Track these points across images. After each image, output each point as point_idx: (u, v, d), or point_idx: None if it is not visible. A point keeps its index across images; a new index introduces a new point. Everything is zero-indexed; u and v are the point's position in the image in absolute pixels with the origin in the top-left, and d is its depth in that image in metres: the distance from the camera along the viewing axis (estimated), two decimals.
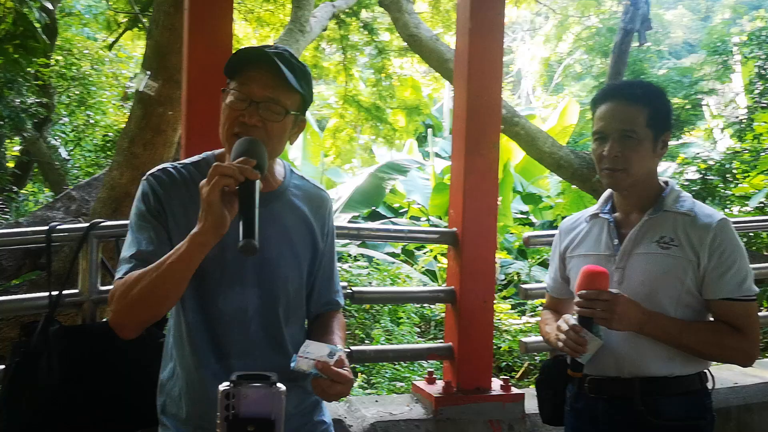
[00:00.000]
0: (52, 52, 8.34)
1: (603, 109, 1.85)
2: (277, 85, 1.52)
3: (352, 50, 9.84)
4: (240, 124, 1.51)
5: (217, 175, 1.34)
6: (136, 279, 1.43)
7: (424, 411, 2.76)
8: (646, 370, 1.81)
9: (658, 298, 1.78)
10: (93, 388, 2.08)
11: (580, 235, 1.98)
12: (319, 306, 1.76)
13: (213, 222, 1.35)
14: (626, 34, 5.91)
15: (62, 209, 4.22)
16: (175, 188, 1.56)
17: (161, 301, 1.47)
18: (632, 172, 1.81)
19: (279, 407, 1.04)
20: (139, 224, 1.54)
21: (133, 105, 3.75)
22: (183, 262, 1.40)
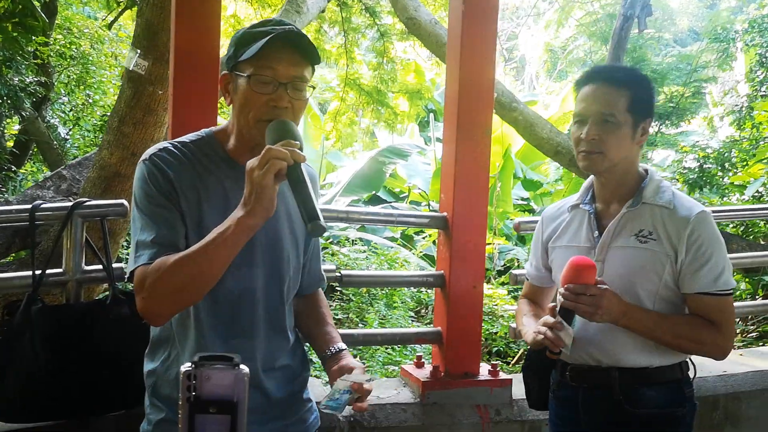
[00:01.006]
0: (51, 31, 8.29)
1: (584, 91, 1.84)
2: (299, 62, 1.50)
3: (353, 33, 9.76)
4: (270, 108, 1.48)
5: (271, 158, 1.33)
6: (176, 265, 1.40)
7: (412, 395, 2.76)
8: (623, 361, 1.82)
9: (636, 291, 1.79)
10: (76, 368, 2.09)
11: (562, 225, 1.98)
12: (310, 284, 1.77)
13: (265, 206, 1.35)
14: (626, 21, 5.85)
15: (52, 188, 4.20)
16: (182, 166, 1.53)
17: (206, 286, 1.45)
18: (609, 156, 1.79)
19: (242, 389, 1.02)
20: (152, 207, 1.50)
21: (123, 84, 3.72)
22: (230, 246, 1.39)
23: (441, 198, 2.96)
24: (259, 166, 1.34)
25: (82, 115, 9.89)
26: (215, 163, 1.57)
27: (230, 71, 1.54)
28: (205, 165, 1.56)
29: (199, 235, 1.47)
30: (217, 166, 1.57)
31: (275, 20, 1.57)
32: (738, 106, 7.40)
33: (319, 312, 1.77)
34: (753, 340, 4.89)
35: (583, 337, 1.83)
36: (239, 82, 1.51)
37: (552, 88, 20.33)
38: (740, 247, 4.71)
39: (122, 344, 2.13)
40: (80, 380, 2.10)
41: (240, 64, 1.51)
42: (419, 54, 12.76)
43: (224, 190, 1.54)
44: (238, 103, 1.52)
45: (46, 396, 2.08)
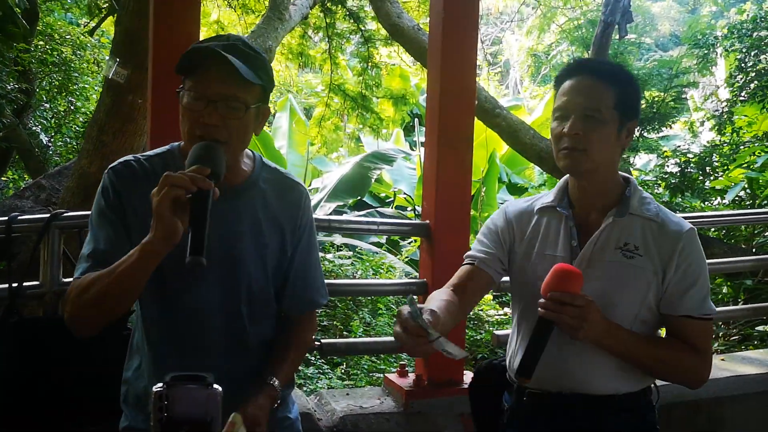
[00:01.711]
0: (32, 38, 8.21)
1: (567, 84, 1.64)
2: (232, 81, 1.46)
3: (338, 38, 9.75)
4: (200, 125, 1.46)
5: (167, 186, 1.30)
6: (90, 282, 1.41)
7: (395, 404, 2.75)
8: (590, 388, 1.65)
9: (616, 311, 1.60)
10: (53, 381, 2.06)
11: (529, 229, 1.75)
12: (294, 306, 1.70)
13: (163, 233, 1.32)
14: (606, 27, 5.88)
15: (31, 198, 4.15)
16: (136, 182, 1.52)
17: (114, 306, 1.44)
18: (592, 155, 1.59)
19: (215, 408, 1.01)
20: (99, 220, 1.51)
21: (102, 92, 3.69)
22: (134, 270, 1.37)
23: (423, 205, 2.95)
24: (157, 192, 1.31)
25: (64, 122, 9.79)
26: None
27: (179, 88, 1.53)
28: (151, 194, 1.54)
29: None
30: None
31: (224, 36, 1.54)
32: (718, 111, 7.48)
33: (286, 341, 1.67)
34: (735, 344, 4.92)
35: (549, 362, 1.59)
36: (181, 98, 1.50)
37: (536, 92, 20.45)
38: (722, 251, 4.75)
39: (100, 357, 2.10)
40: (58, 393, 2.07)
41: (184, 79, 1.50)
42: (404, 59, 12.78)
43: None
44: (180, 117, 1.52)
45: (23, 409, 2.05)
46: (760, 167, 5.39)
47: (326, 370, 5.21)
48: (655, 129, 8.15)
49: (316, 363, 5.18)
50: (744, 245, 5.25)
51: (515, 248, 1.76)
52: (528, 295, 1.69)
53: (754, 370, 3.24)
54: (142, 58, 3.39)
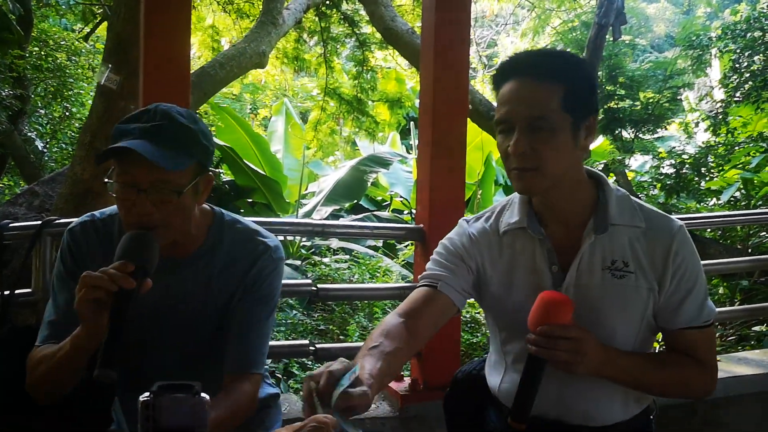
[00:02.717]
0: (27, 44, 8.21)
1: (505, 90, 1.41)
2: (158, 168, 1.36)
3: (333, 42, 9.76)
4: (133, 214, 1.40)
5: (84, 287, 1.26)
6: (40, 360, 1.44)
7: (390, 408, 2.74)
8: (595, 419, 1.49)
9: (616, 336, 1.45)
10: None
11: (501, 252, 1.53)
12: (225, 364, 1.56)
13: (87, 332, 1.30)
14: (600, 29, 5.89)
15: (25, 205, 4.14)
16: (90, 245, 1.52)
17: (61, 385, 1.46)
18: (548, 172, 1.37)
19: (203, 417, 1.00)
20: (58, 285, 1.52)
21: (95, 99, 3.69)
22: (69, 360, 1.37)
23: (417, 210, 2.95)
24: (77, 292, 1.27)
25: (59, 128, 9.78)
26: None
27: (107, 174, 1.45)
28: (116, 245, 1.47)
29: None
30: None
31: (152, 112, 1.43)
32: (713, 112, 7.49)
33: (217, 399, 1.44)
34: (731, 344, 4.92)
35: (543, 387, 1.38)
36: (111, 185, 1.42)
37: None
38: (717, 251, 4.75)
39: (90, 369, 2.09)
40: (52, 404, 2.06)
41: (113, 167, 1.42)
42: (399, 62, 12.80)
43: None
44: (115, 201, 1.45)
45: (17, 419, 2.04)
46: (755, 168, 5.40)
47: None
48: (651, 130, 8.17)
49: (313, 368, 5.17)
50: (739, 246, 5.26)
51: (486, 273, 1.54)
52: (510, 325, 1.53)
53: (750, 371, 3.23)
54: (134, 65, 3.38)
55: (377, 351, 1.32)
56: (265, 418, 1.72)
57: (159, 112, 1.43)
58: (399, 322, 1.42)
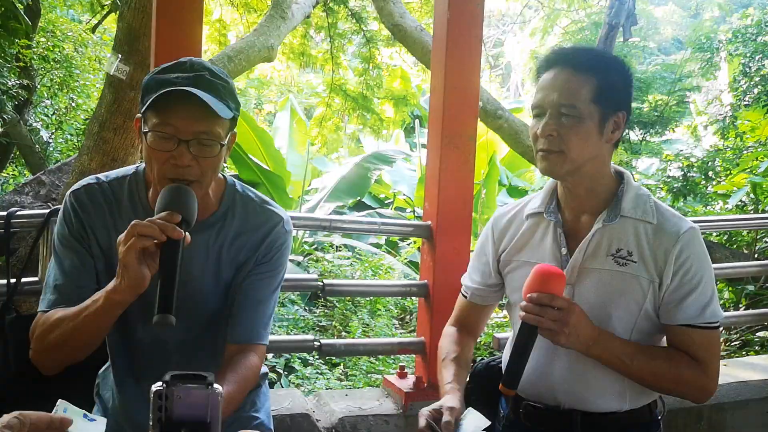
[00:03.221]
0: (34, 34, 8.19)
1: (544, 78, 1.53)
2: (205, 116, 1.36)
3: (339, 39, 9.75)
4: (171, 167, 1.37)
5: (134, 236, 1.24)
6: (54, 324, 1.38)
7: (394, 406, 2.73)
8: (591, 405, 1.55)
9: (611, 322, 1.51)
10: (48, 379, 2.03)
11: (517, 235, 1.65)
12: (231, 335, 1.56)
13: (129, 283, 1.27)
14: (611, 29, 5.87)
15: (31, 194, 4.13)
16: (98, 209, 1.48)
17: (77, 350, 1.42)
18: (570, 156, 1.47)
19: (215, 409, 0.99)
20: (62, 248, 1.47)
21: (104, 89, 3.68)
22: (99, 317, 1.34)
23: (425, 207, 2.94)
24: (123, 242, 1.25)
25: (65, 118, 9.79)
26: (135, 209, 1.50)
27: (142, 115, 1.43)
28: (123, 211, 1.49)
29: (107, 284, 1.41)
30: (136, 213, 1.48)
31: (188, 64, 1.42)
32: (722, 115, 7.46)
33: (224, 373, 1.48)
34: (736, 349, 4.90)
35: (543, 373, 1.55)
36: (144, 136, 1.40)
37: None
38: (724, 256, 4.73)
39: (94, 356, 2.08)
40: (52, 392, 2.04)
41: (146, 113, 1.39)
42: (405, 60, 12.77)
43: None
44: (144, 154, 1.42)
45: (18, 407, 2.03)
46: (763, 172, 5.37)
47: (324, 371, 5.19)
48: (658, 132, 8.14)
49: (315, 363, 5.16)
50: (746, 250, 5.23)
51: (503, 257, 1.68)
52: (517, 303, 1.58)
53: (756, 376, 3.22)
54: (143, 55, 3.37)
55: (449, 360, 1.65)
56: (255, 398, 1.69)
57: (195, 63, 1.42)
58: (454, 330, 1.76)
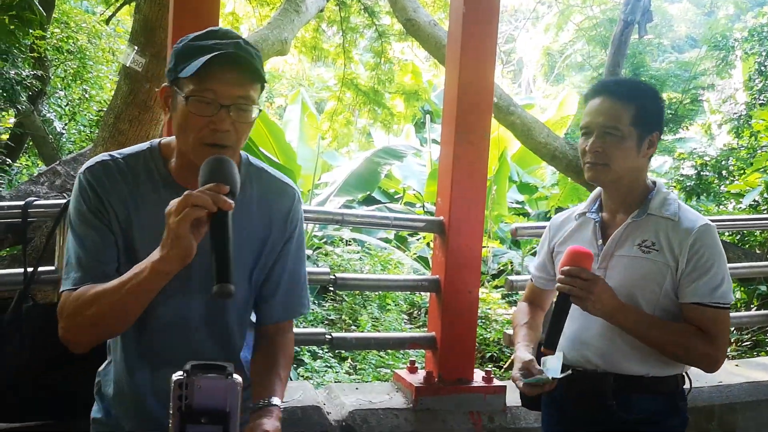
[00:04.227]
0: (48, 25, 8.22)
1: (591, 104, 1.87)
2: (244, 81, 1.40)
3: (352, 33, 9.74)
4: (211, 132, 1.38)
5: (188, 206, 1.24)
6: (91, 300, 1.36)
7: (405, 400, 2.74)
8: (620, 367, 1.84)
9: (637, 300, 1.81)
10: (63, 368, 2.05)
11: (567, 231, 2.01)
12: (270, 316, 1.62)
13: (179, 253, 1.27)
14: (626, 26, 5.82)
15: (46, 184, 4.16)
16: (113, 183, 1.46)
17: (119, 324, 1.41)
18: (614, 168, 1.82)
19: (235, 399, 1.00)
20: (81, 226, 1.44)
21: (120, 80, 3.70)
22: (143, 290, 1.33)
23: (438, 202, 2.94)
24: (176, 212, 1.25)
25: (78, 109, 9.83)
26: (153, 182, 1.49)
27: (171, 84, 1.44)
28: (141, 184, 1.48)
29: (129, 259, 1.43)
30: (155, 187, 1.48)
31: (222, 31, 1.45)
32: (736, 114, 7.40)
33: (272, 358, 1.58)
34: (747, 350, 4.89)
35: (582, 339, 1.88)
36: (178, 99, 1.41)
37: (549, 91, 20.35)
38: (736, 256, 4.70)
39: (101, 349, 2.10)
40: (66, 381, 2.06)
41: (180, 80, 1.40)
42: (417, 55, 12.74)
43: (159, 213, 1.37)
44: (177, 122, 1.42)
45: (32, 395, 2.05)
46: None
47: (333, 364, 5.21)
48: (672, 130, 8.08)
49: (324, 357, 5.18)
50: (758, 251, 5.20)
51: (555, 249, 2.05)
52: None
53: (767, 377, 3.21)
54: (159, 47, 3.39)
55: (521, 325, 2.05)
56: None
57: (228, 31, 1.44)
58: (526, 305, 2.15)
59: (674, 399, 1.87)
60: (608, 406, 1.84)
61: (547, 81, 21.66)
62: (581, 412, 1.90)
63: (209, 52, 1.35)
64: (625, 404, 1.83)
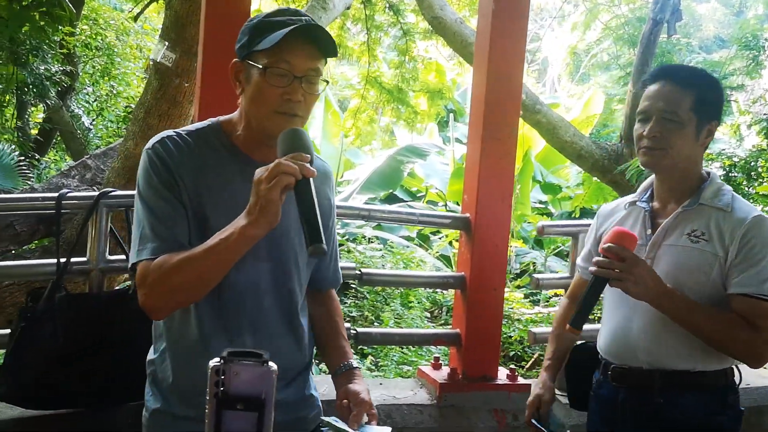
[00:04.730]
0: (78, 21, 8.35)
1: (650, 89, 1.83)
2: (316, 55, 1.48)
3: (376, 31, 9.74)
4: (284, 102, 1.46)
5: (280, 173, 1.32)
6: (176, 267, 1.41)
7: (429, 396, 2.75)
8: (666, 363, 1.80)
9: (683, 290, 1.75)
10: (94, 357, 2.09)
11: (616, 220, 1.97)
12: (321, 280, 1.74)
13: (269, 219, 1.34)
14: (655, 25, 5.76)
15: (77, 177, 4.23)
16: (184, 157, 1.50)
17: (207, 287, 1.46)
18: (671, 153, 1.78)
19: (270, 386, 1.01)
20: (154, 199, 1.48)
21: (150, 76, 3.75)
22: (232, 253, 1.39)
23: (464, 199, 2.93)
24: (267, 180, 1.32)
25: (105, 105, 9.97)
26: (219, 154, 1.54)
27: (242, 60, 1.51)
28: (208, 156, 1.53)
29: (199, 228, 1.47)
30: (222, 158, 1.54)
31: (291, 10, 1.54)
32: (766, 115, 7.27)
33: (334, 322, 1.74)
34: None
35: (625, 335, 1.85)
36: (252, 72, 1.48)
37: (573, 91, 20.17)
38: None
39: (141, 336, 2.12)
40: (98, 370, 2.10)
41: (254, 54, 1.48)
42: (441, 53, 12.71)
43: (228, 183, 1.51)
44: (250, 93, 1.50)
45: (64, 384, 2.08)
46: None
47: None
48: None
49: None
50: None
51: (602, 238, 1.94)
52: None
53: None
54: (189, 43, 3.42)
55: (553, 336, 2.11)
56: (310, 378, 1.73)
57: (295, 10, 1.54)
58: (566, 303, 2.17)
59: (724, 393, 1.82)
60: (655, 403, 1.81)
61: (572, 80, 21.50)
62: (628, 409, 1.87)
63: (285, 27, 1.44)
64: (673, 401, 1.80)
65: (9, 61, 6.50)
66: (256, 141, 1.53)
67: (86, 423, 2.18)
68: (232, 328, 1.54)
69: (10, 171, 7.57)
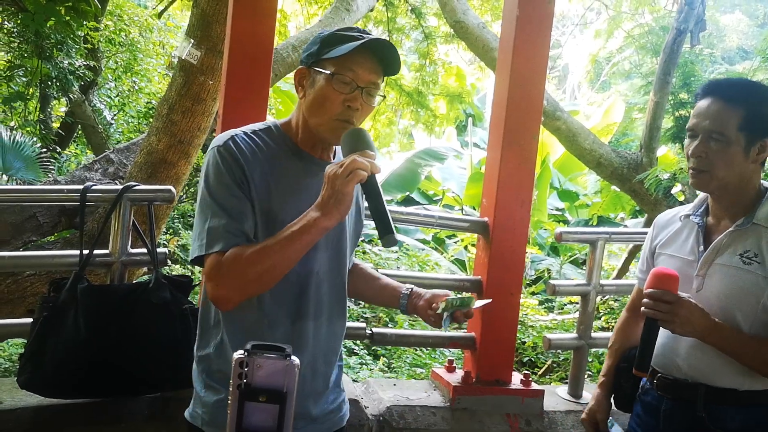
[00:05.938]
0: (102, 17, 8.44)
1: (699, 105, 1.79)
2: (378, 70, 1.58)
3: (398, 33, 9.76)
4: (346, 109, 1.56)
5: (355, 169, 1.41)
6: (252, 258, 1.46)
7: (442, 399, 2.75)
8: (712, 380, 1.78)
9: (733, 313, 1.73)
10: (115, 348, 2.12)
11: (671, 233, 1.95)
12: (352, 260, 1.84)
13: (341, 211, 1.43)
14: (679, 34, 5.72)
15: (100, 171, 4.29)
16: (253, 155, 1.57)
17: (278, 277, 1.51)
18: (717, 175, 1.74)
19: (292, 380, 1.03)
20: (225, 195, 1.53)
21: (175, 72, 3.79)
22: (306, 244, 1.47)
23: (483, 203, 2.94)
24: (343, 175, 1.41)
25: (127, 101, 10.06)
26: (284, 153, 1.62)
27: (309, 66, 1.60)
28: (274, 154, 1.60)
29: (266, 223, 1.54)
30: (287, 157, 1.62)
31: (359, 29, 1.64)
32: None
33: (367, 271, 1.87)
34: None
35: (673, 349, 1.84)
36: (317, 78, 1.57)
37: (594, 98, 20.08)
38: None
39: (161, 328, 2.16)
40: (118, 360, 2.13)
41: (323, 62, 1.57)
42: (462, 57, 12.71)
43: (294, 180, 1.59)
44: (313, 97, 1.58)
45: (84, 373, 2.12)
46: None
47: (368, 361, 5.24)
48: None
49: (359, 353, 5.22)
50: None
51: (657, 250, 1.99)
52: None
53: None
54: (214, 41, 3.46)
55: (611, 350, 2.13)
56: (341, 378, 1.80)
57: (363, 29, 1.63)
58: (625, 316, 2.14)
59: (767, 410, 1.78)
60: (698, 416, 1.79)
61: (592, 88, 21.40)
62: (670, 419, 1.86)
63: (355, 41, 1.54)
64: (717, 416, 1.77)
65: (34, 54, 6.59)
66: (313, 143, 1.63)
67: (104, 412, 2.21)
68: (295, 315, 1.60)
69: (31, 163, 7.68)
